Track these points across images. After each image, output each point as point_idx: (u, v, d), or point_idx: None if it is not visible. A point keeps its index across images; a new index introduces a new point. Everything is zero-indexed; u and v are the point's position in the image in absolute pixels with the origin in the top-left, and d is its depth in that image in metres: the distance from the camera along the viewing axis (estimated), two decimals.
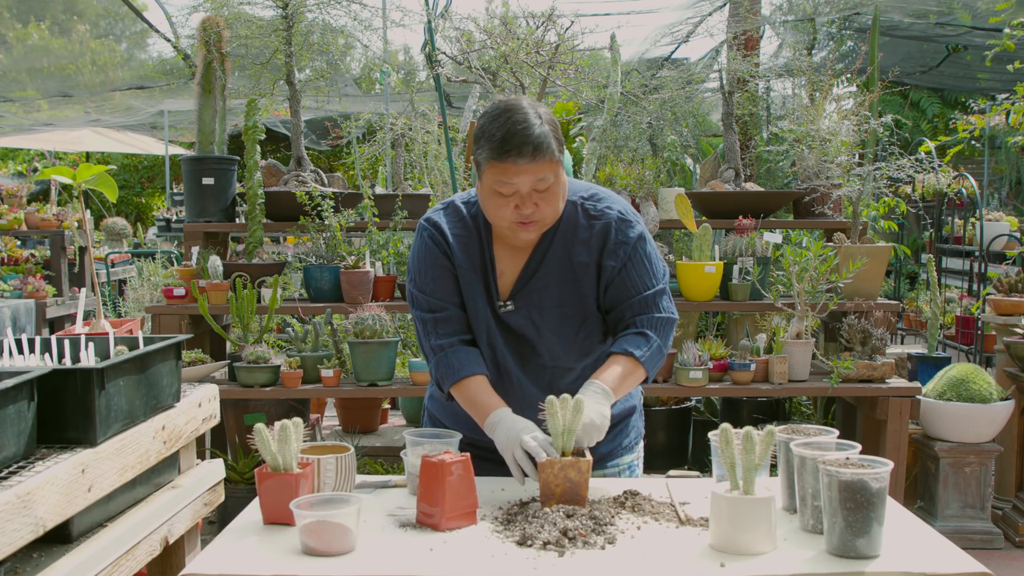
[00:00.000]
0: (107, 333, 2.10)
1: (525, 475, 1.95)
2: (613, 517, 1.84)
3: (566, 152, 2.20)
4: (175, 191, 12.23)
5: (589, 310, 2.18)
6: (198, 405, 2.32)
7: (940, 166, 6.04)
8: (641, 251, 2.16)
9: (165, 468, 2.18)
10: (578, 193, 2.19)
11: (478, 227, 2.19)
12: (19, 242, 8.15)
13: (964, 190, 6.88)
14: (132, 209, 16.19)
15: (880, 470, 1.62)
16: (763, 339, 4.09)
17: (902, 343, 7.35)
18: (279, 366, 3.94)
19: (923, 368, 4.74)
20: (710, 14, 7.49)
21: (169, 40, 8.44)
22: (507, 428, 2.00)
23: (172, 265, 7.10)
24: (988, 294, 5.32)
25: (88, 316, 4.12)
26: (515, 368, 2.20)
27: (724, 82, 4.91)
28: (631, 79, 5.60)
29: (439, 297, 2.18)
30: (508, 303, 2.18)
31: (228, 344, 4.31)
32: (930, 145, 5.40)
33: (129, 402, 1.94)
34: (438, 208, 2.25)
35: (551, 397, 1.94)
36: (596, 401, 2.01)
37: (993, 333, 5.34)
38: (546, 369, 2.20)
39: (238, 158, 4.59)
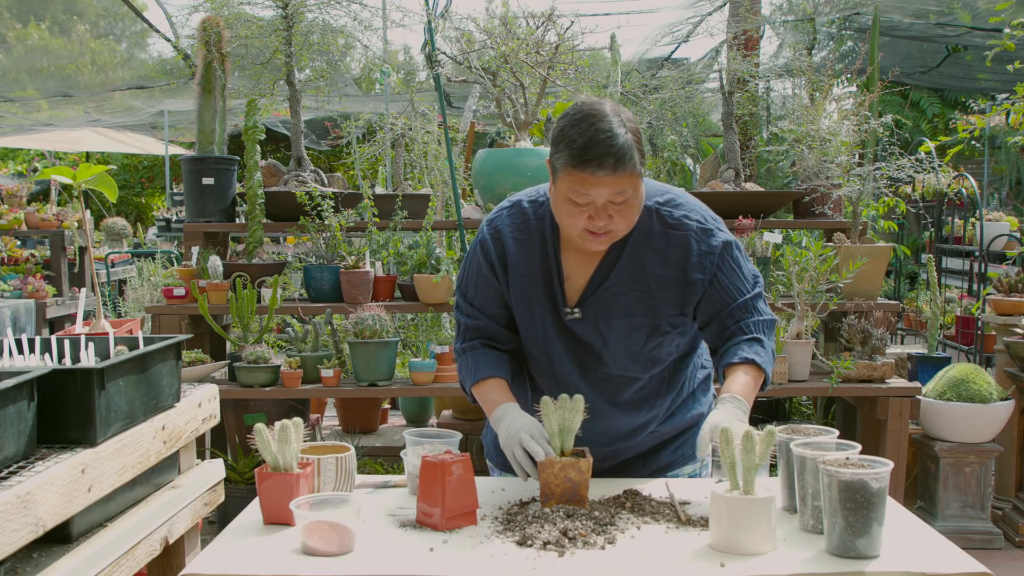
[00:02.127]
0: (107, 333, 2.10)
1: (528, 474, 1.95)
2: (613, 517, 1.84)
3: None
4: (175, 191, 12.23)
5: (660, 321, 2.07)
6: (198, 405, 2.32)
7: (940, 166, 6.04)
8: (729, 258, 2.05)
9: (165, 468, 2.18)
10: (652, 197, 2.06)
11: (543, 229, 2.09)
12: (19, 242, 8.15)
13: (964, 190, 6.88)
14: (132, 209, 16.19)
15: (880, 470, 1.62)
16: None
17: (902, 343, 7.34)
18: (279, 366, 3.94)
19: (923, 368, 4.74)
20: (710, 14, 7.50)
21: (169, 40, 8.45)
22: (508, 425, 1.99)
23: (172, 265, 7.10)
24: (988, 294, 5.32)
25: (88, 316, 4.12)
26: (575, 377, 2.11)
27: (724, 82, 4.91)
28: (631, 79, 5.61)
29: (476, 306, 2.17)
30: (575, 310, 2.09)
31: (228, 344, 4.31)
32: (930, 145, 5.41)
33: (129, 402, 1.94)
34: (503, 207, 2.18)
35: (545, 398, 1.93)
36: (731, 413, 1.91)
37: (993, 333, 5.34)
38: (611, 379, 2.10)
39: (238, 158, 4.59)
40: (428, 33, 4.49)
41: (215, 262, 4.15)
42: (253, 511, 1.92)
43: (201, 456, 2.75)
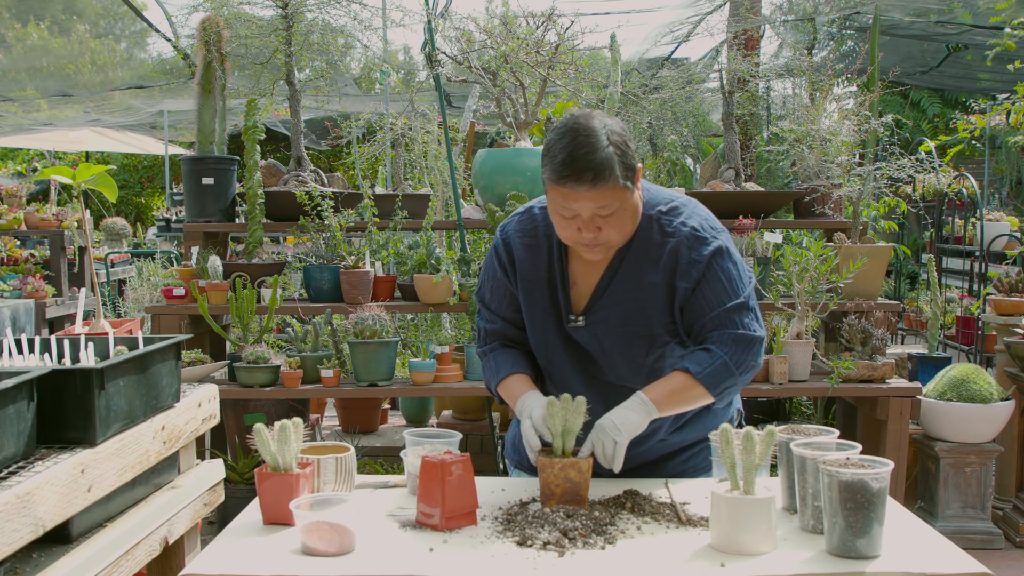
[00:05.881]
0: (107, 333, 2.09)
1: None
2: (613, 517, 1.84)
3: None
4: (175, 191, 12.24)
5: (656, 331, 2.06)
6: (198, 405, 2.32)
7: (940, 166, 6.04)
8: (717, 267, 2.01)
9: (165, 468, 2.18)
10: (657, 206, 2.06)
11: (550, 236, 2.09)
12: (19, 242, 8.15)
13: (964, 190, 6.88)
14: (132, 209, 16.19)
15: (880, 470, 1.62)
16: None
17: (902, 343, 7.35)
18: (279, 366, 3.94)
19: (923, 368, 4.74)
20: (710, 13, 7.50)
21: (169, 40, 8.44)
22: (523, 411, 2.02)
23: (172, 265, 7.09)
24: (988, 294, 5.31)
25: (88, 316, 4.12)
26: (579, 386, 2.10)
27: (724, 82, 4.91)
28: (631, 79, 5.60)
29: (492, 309, 2.21)
30: (580, 318, 2.10)
31: (228, 344, 4.30)
32: (930, 145, 5.41)
33: (129, 402, 1.94)
34: (517, 212, 2.21)
35: (551, 397, 1.94)
36: (627, 407, 1.95)
37: (993, 333, 5.34)
38: (612, 387, 2.07)
39: (238, 158, 4.59)
40: (428, 33, 4.49)
41: (215, 262, 4.15)
42: (253, 511, 1.92)
43: (201, 456, 2.75)
